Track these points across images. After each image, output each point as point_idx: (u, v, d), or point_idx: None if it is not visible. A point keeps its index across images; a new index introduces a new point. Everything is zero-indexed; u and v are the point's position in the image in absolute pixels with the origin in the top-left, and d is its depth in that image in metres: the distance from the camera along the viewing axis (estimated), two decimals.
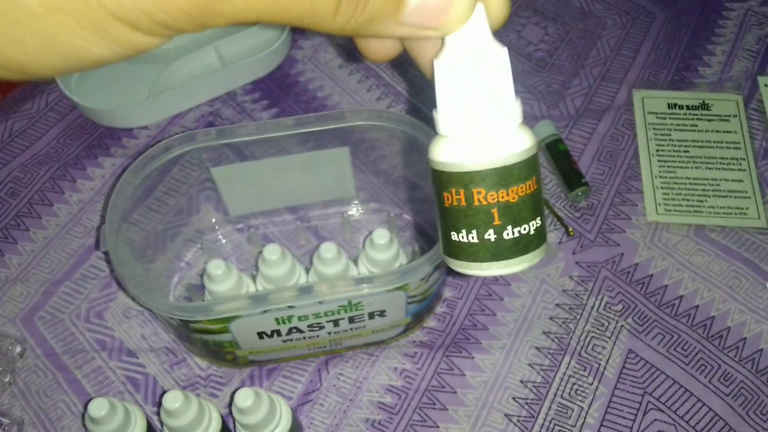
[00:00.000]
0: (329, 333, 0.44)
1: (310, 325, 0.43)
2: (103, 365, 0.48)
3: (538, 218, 0.23)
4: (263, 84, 0.62)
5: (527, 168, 0.22)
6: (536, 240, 0.23)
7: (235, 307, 0.39)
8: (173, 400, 0.38)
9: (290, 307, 0.40)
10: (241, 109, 0.60)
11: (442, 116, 0.22)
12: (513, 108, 0.21)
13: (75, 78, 0.61)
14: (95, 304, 0.51)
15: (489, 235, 0.22)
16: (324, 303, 0.40)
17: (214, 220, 0.53)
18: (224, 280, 0.43)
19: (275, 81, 0.62)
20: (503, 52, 0.21)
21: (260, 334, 0.42)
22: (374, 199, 0.55)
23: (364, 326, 0.44)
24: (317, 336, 0.44)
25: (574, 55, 0.63)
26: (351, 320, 0.43)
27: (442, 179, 0.22)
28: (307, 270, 0.47)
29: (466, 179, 0.21)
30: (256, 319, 0.40)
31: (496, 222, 0.22)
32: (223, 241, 0.54)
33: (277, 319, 0.41)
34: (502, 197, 0.21)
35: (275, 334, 0.43)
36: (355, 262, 0.47)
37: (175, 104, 0.59)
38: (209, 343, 0.43)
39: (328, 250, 0.43)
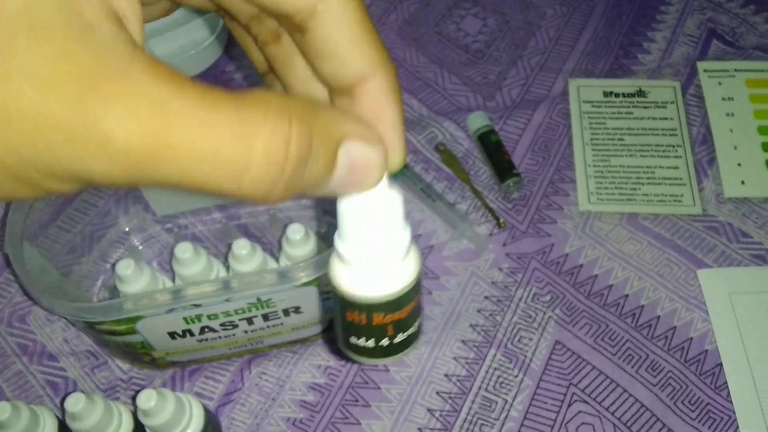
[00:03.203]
0: (246, 332, 0.44)
1: (222, 324, 0.42)
2: (23, 369, 0.47)
3: (419, 318, 0.27)
4: None
5: (415, 290, 0.25)
6: (417, 335, 0.27)
7: (127, 307, 0.38)
8: (74, 403, 0.37)
9: (196, 305, 0.39)
10: None
11: (343, 246, 0.24)
12: (404, 244, 0.24)
13: None
14: (18, 308, 0.50)
15: (383, 342, 0.26)
16: (232, 301, 0.40)
17: (142, 221, 0.53)
18: (134, 281, 0.42)
19: (210, 80, 0.61)
20: (398, 197, 0.23)
21: (171, 335, 0.42)
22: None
23: (281, 323, 0.44)
24: (233, 335, 0.44)
25: (512, 46, 0.62)
26: (265, 318, 0.42)
27: (343, 300, 0.25)
28: (228, 269, 0.47)
29: (366, 307, 0.25)
30: (163, 319, 0.40)
31: (390, 333, 0.26)
32: (148, 242, 0.53)
33: (185, 319, 0.40)
34: (397, 317, 0.25)
35: (187, 334, 0.42)
36: (278, 259, 0.47)
37: None
38: (120, 344, 0.43)
39: (241, 247, 0.43)
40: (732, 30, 0.62)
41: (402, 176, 0.54)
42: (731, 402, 0.44)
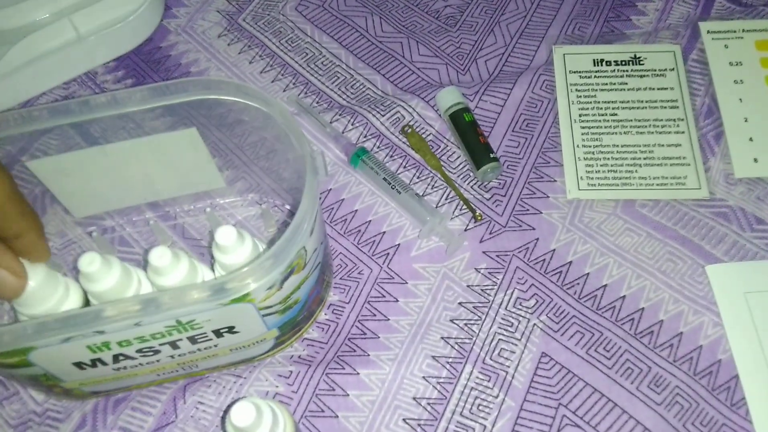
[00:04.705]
0: (172, 356, 0.36)
1: (139, 350, 0.35)
2: None
3: None
4: (128, 60, 0.53)
5: None
6: None
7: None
8: None
9: (99, 332, 0.32)
10: (101, 91, 0.52)
11: None
12: None
13: None
14: None
15: None
16: (143, 325, 0.33)
17: (62, 224, 0.45)
18: (35, 304, 0.35)
19: (143, 56, 0.53)
20: None
21: (78, 365, 0.35)
22: (253, 190, 0.47)
23: (215, 345, 0.37)
24: (157, 361, 0.37)
25: (489, 10, 0.55)
26: (192, 340, 0.35)
27: None
28: None
29: None
30: (60, 349, 0.33)
31: None
32: (68, 247, 0.45)
33: (90, 347, 0.33)
34: None
35: (98, 363, 0.35)
36: (213, 267, 0.40)
37: (23, 89, 0.51)
38: (20, 377, 0.35)
39: (158, 257, 0.35)
40: None
41: (363, 165, 0.46)
42: (750, 422, 0.38)
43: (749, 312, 0.40)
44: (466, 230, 0.45)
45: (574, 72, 0.50)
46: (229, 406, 0.32)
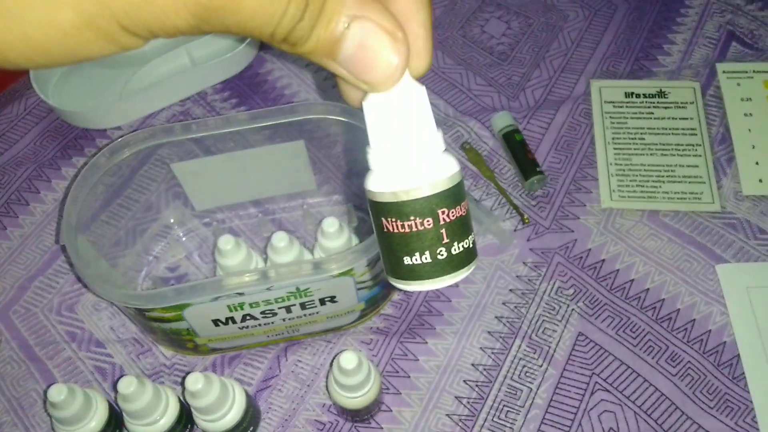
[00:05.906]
0: (284, 320, 0.46)
1: (262, 312, 0.44)
2: (72, 356, 0.50)
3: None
4: (233, 83, 0.63)
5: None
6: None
7: (178, 293, 0.40)
8: (127, 385, 0.40)
9: (240, 294, 0.42)
10: (211, 108, 0.62)
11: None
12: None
13: (52, 83, 0.64)
14: (66, 297, 0.53)
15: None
16: (272, 290, 0.42)
17: (182, 216, 0.55)
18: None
19: (245, 80, 0.64)
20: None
21: (215, 322, 0.44)
22: (336, 192, 0.56)
23: (318, 312, 0.46)
24: (272, 323, 0.46)
25: (536, 48, 0.64)
26: (303, 306, 0.45)
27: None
28: (265, 260, 0.49)
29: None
30: (208, 307, 0.42)
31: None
32: (188, 235, 0.55)
33: (229, 306, 0.43)
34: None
35: (230, 321, 0.45)
36: (313, 251, 0.49)
37: (147, 105, 0.62)
38: (167, 331, 0.45)
39: (279, 239, 0.45)
40: (751, 32, 0.64)
41: None
42: (749, 392, 0.46)
43: (750, 304, 0.49)
44: (515, 230, 0.54)
45: (609, 102, 0.59)
46: (338, 354, 0.41)
